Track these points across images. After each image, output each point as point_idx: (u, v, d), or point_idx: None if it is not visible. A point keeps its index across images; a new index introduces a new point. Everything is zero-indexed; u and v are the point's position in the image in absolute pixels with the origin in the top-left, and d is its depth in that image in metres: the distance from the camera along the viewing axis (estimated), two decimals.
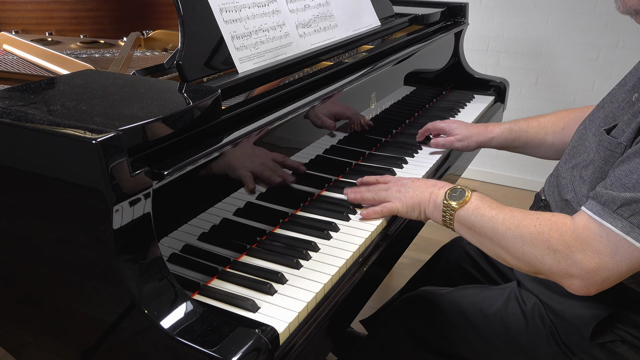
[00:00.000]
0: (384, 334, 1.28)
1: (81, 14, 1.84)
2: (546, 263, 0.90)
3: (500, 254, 0.97)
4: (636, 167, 0.85)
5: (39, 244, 0.82)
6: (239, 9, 1.12)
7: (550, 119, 1.39)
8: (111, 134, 0.69)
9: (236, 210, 0.99)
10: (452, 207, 1.01)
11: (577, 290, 0.90)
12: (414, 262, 2.28)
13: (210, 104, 0.87)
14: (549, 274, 0.92)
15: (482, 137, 1.41)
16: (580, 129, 1.13)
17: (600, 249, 0.86)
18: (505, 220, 0.95)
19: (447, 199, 1.02)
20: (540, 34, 2.87)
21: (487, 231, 0.97)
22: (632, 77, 1.07)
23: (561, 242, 0.88)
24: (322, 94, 1.14)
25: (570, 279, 0.89)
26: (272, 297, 0.88)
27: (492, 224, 0.96)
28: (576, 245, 0.87)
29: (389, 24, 1.64)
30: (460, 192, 1.02)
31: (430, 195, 1.06)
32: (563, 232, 0.89)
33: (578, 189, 1.02)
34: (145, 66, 1.06)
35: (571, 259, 0.88)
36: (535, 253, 0.91)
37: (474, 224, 0.99)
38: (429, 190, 1.07)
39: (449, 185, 1.06)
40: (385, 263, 1.14)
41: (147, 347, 0.78)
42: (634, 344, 1.01)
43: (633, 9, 0.95)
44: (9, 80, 1.28)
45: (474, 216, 0.98)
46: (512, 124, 1.41)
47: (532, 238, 0.91)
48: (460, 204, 1.00)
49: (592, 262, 0.86)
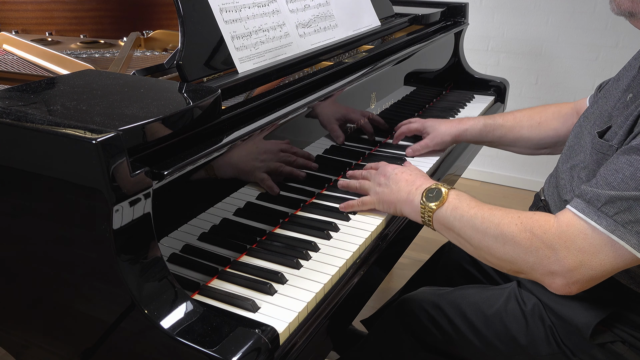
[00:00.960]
0: (384, 334, 1.28)
1: (81, 14, 1.84)
2: (528, 261, 0.89)
3: (480, 254, 0.96)
4: (622, 166, 0.85)
5: (38, 243, 0.82)
6: (239, 9, 1.12)
7: (526, 113, 1.39)
8: (111, 134, 0.69)
9: (236, 210, 0.99)
10: (430, 208, 1.00)
11: (558, 289, 0.89)
12: (414, 262, 2.28)
13: (210, 104, 0.87)
14: (530, 272, 0.90)
15: (455, 129, 1.40)
16: (576, 127, 1.13)
17: (583, 246, 0.85)
18: (484, 219, 0.93)
19: (424, 201, 1.01)
20: (540, 34, 2.87)
21: (467, 231, 0.96)
22: (627, 75, 1.07)
23: (544, 240, 0.87)
24: (322, 94, 1.14)
25: (552, 277, 0.88)
26: (272, 297, 0.88)
27: (471, 223, 0.95)
28: (559, 243, 0.86)
29: (389, 24, 1.64)
30: (437, 193, 1.00)
31: (407, 196, 1.05)
32: (546, 230, 0.88)
33: (576, 188, 1.02)
34: (145, 66, 1.06)
35: (554, 257, 0.87)
36: (516, 252, 0.90)
37: (453, 225, 0.98)
38: (407, 189, 1.06)
39: (427, 184, 1.04)
40: (385, 263, 1.14)
41: (147, 347, 0.78)
42: (634, 344, 1.01)
43: (627, 11, 0.95)
44: (9, 80, 1.28)
45: (452, 217, 0.97)
46: (487, 118, 1.41)
47: (513, 237, 0.90)
48: (438, 204, 0.99)
49: (574, 260, 0.86)
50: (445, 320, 1.16)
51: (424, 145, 1.41)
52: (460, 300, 1.17)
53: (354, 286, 0.98)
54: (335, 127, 1.25)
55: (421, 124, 1.44)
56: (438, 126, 1.42)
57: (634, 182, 0.83)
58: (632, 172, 0.83)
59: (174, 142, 0.82)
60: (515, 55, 2.97)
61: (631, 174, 0.83)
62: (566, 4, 2.76)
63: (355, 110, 1.34)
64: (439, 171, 1.42)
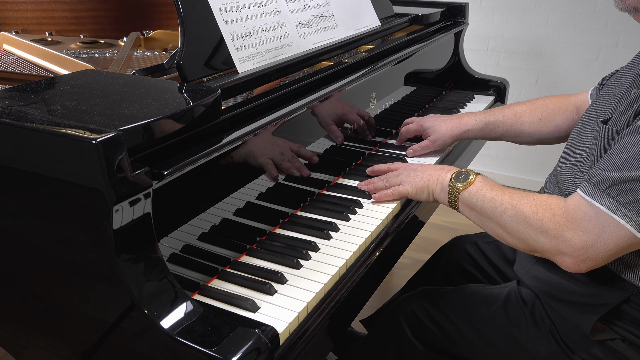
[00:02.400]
0: (384, 334, 1.28)
1: (81, 14, 1.84)
2: (539, 241, 0.95)
3: (498, 233, 1.02)
4: (626, 146, 0.88)
5: (39, 243, 0.82)
6: (239, 9, 1.12)
7: (526, 108, 1.40)
8: (111, 134, 0.69)
9: (236, 210, 0.99)
10: (457, 189, 1.06)
11: (569, 267, 0.94)
12: (414, 262, 2.28)
13: (210, 104, 0.87)
14: (542, 251, 0.96)
15: (457, 130, 1.41)
16: (579, 125, 1.13)
17: (588, 227, 0.90)
18: (504, 201, 1.00)
19: (453, 181, 1.08)
20: (540, 34, 2.87)
21: (487, 211, 1.02)
22: (630, 72, 1.07)
23: (553, 221, 0.93)
24: (322, 94, 1.14)
25: (562, 256, 0.93)
26: (272, 297, 0.88)
27: (491, 204, 1.01)
28: (566, 224, 0.92)
29: (389, 24, 1.64)
30: (465, 175, 1.08)
31: (438, 178, 1.11)
32: (555, 212, 0.94)
33: (579, 182, 1.02)
34: (145, 66, 1.06)
35: (562, 237, 0.92)
36: (529, 231, 0.96)
37: (476, 205, 1.04)
38: (437, 173, 1.12)
39: (456, 169, 1.11)
40: (386, 262, 1.15)
41: (147, 347, 0.78)
42: (634, 342, 1.01)
43: (632, 7, 0.96)
44: (9, 80, 1.28)
45: (476, 197, 1.04)
46: (487, 115, 1.41)
47: (526, 217, 0.96)
48: (465, 185, 1.06)
49: (580, 240, 0.90)
50: (445, 319, 1.16)
51: (424, 146, 1.41)
52: (460, 299, 1.17)
53: (354, 286, 0.98)
54: (333, 127, 1.25)
55: (420, 126, 1.43)
56: (439, 127, 1.41)
57: (637, 162, 0.85)
58: (636, 152, 0.86)
59: (174, 142, 0.82)
60: (515, 55, 2.97)
61: (635, 154, 0.86)
62: (566, 4, 2.76)
63: (354, 110, 1.34)
64: None
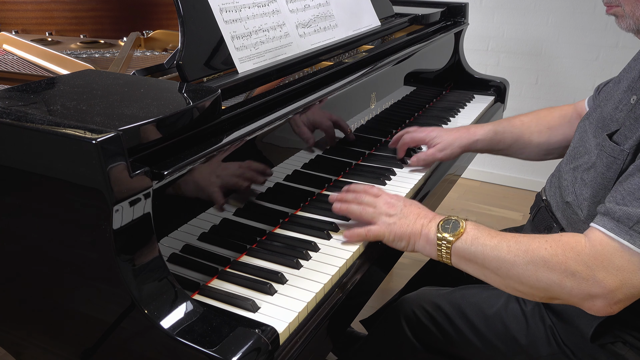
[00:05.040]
0: (384, 334, 1.27)
1: (81, 14, 1.84)
2: (566, 286, 0.85)
3: (509, 284, 0.91)
4: None
5: (38, 243, 0.82)
6: (239, 9, 1.12)
7: (532, 118, 1.36)
8: (111, 134, 0.69)
9: (236, 210, 0.99)
10: (448, 240, 0.94)
11: (599, 311, 0.86)
12: (414, 262, 2.28)
13: (210, 104, 0.87)
14: (568, 297, 0.87)
15: (465, 140, 1.34)
16: (580, 129, 1.13)
17: (622, 265, 0.83)
18: (511, 247, 0.89)
19: (441, 232, 0.96)
20: (540, 34, 2.87)
21: (491, 262, 0.91)
22: (627, 77, 1.07)
23: (579, 262, 0.84)
24: (322, 94, 1.14)
25: (593, 300, 0.85)
26: (272, 297, 0.88)
27: (496, 253, 0.90)
28: (596, 264, 0.83)
29: (389, 24, 1.64)
30: (453, 224, 0.95)
31: (421, 228, 0.99)
32: (579, 252, 0.85)
33: (579, 191, 1.02)
34: (145, 66, 1.06)
35: (592, 279, 0.83)
36: (551, 277, 0.86)
37: (476, 256, 0.92)
38: (420, 222, 0.99)
39: (439, 217, 0.99)
40: (385, 263, 1.14)
41: (147, 347, 0.78)
42: (635, 345, 1.00)
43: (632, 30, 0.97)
44: (9, 80, 1.28)
45: (474, 247, 0.92)
46: (496, 125, 1.37)
47: (545, 262, 0.86)
48: (456, 235, 0.94)
49: (615, 280, 0.83)
50: (445, 320, 1.16)
51: (430, 155, 1.35)
52: (461, 300, 1.17)
53: (354, 286, 0.98)
54: (331, 130, 1.25)
55: (426, 134, 1.37)
56: (446, 136, 1.35)
57: None
58: None
59: (174, 142, 0.82)
60: (515, 55, 2.97)
61: None
62: (566, 4, 2.76)
63: (356, 112, 1.34)
64: (439, 171, 1.42)
